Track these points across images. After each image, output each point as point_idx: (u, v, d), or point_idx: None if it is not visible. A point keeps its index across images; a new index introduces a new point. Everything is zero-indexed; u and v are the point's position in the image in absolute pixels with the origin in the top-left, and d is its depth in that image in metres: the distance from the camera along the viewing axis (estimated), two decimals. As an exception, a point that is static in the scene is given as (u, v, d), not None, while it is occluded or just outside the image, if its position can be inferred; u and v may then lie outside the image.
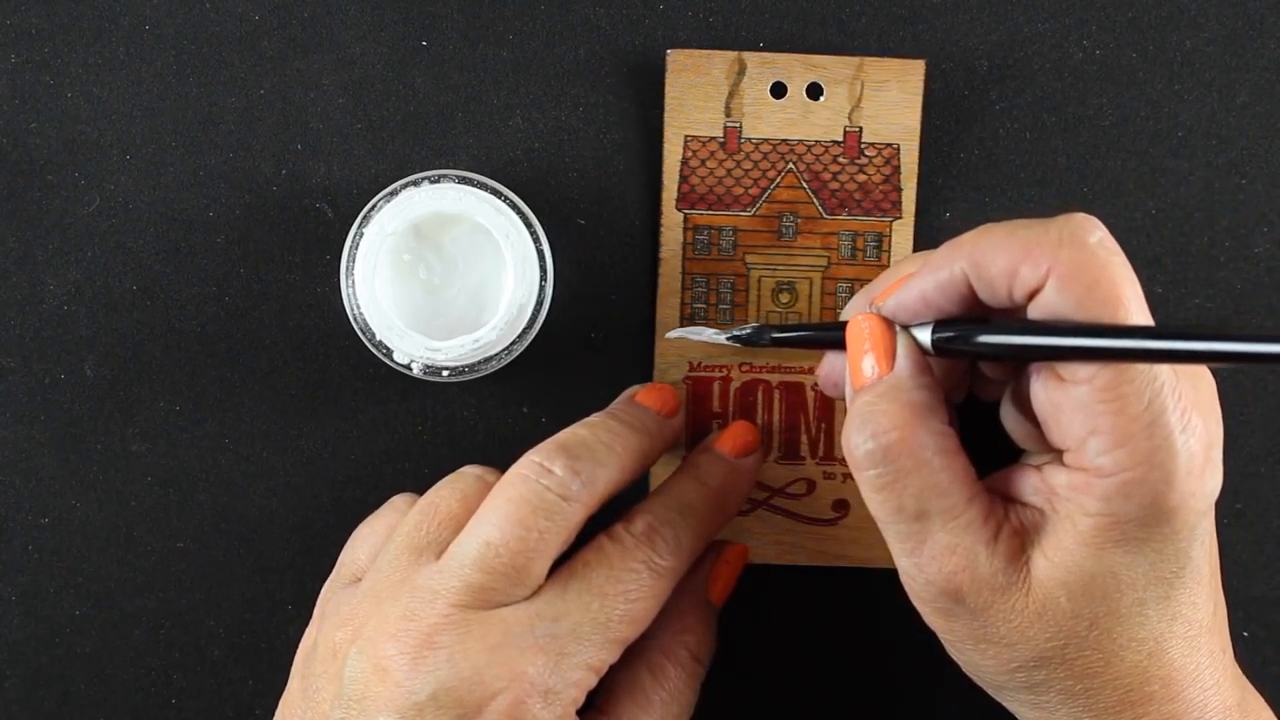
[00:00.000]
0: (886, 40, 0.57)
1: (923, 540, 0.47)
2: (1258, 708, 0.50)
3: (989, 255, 0.46)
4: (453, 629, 0.48)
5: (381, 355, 0.55)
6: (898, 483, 0.47)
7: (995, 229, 0.46)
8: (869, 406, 0.48)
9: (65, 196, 0.57)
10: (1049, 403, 0.46)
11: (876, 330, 0.49)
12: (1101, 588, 0.46)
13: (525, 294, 0.54)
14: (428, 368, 0.55)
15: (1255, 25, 0.58)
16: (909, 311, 0.48)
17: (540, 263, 0.55)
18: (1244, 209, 0.58)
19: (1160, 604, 0.46)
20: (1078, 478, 0.46)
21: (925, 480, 0.47)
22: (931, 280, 0.47)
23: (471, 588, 0.49)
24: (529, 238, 0.55)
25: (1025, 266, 0.45)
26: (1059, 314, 0.45)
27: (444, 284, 0.56)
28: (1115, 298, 0.44)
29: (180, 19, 0.57)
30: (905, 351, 0.48)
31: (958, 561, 0.47)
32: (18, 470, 0.58)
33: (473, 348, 0.54)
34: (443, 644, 0.48)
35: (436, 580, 0.49)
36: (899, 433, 0.47)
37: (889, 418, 0.47)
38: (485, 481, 0.52)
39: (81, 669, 0.58)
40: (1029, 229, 0.45)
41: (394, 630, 0.48)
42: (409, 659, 0.48)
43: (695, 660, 0.54)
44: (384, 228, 0.54)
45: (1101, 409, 0.44)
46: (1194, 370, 0.48)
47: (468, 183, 0.55)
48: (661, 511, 0.52)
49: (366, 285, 0.54)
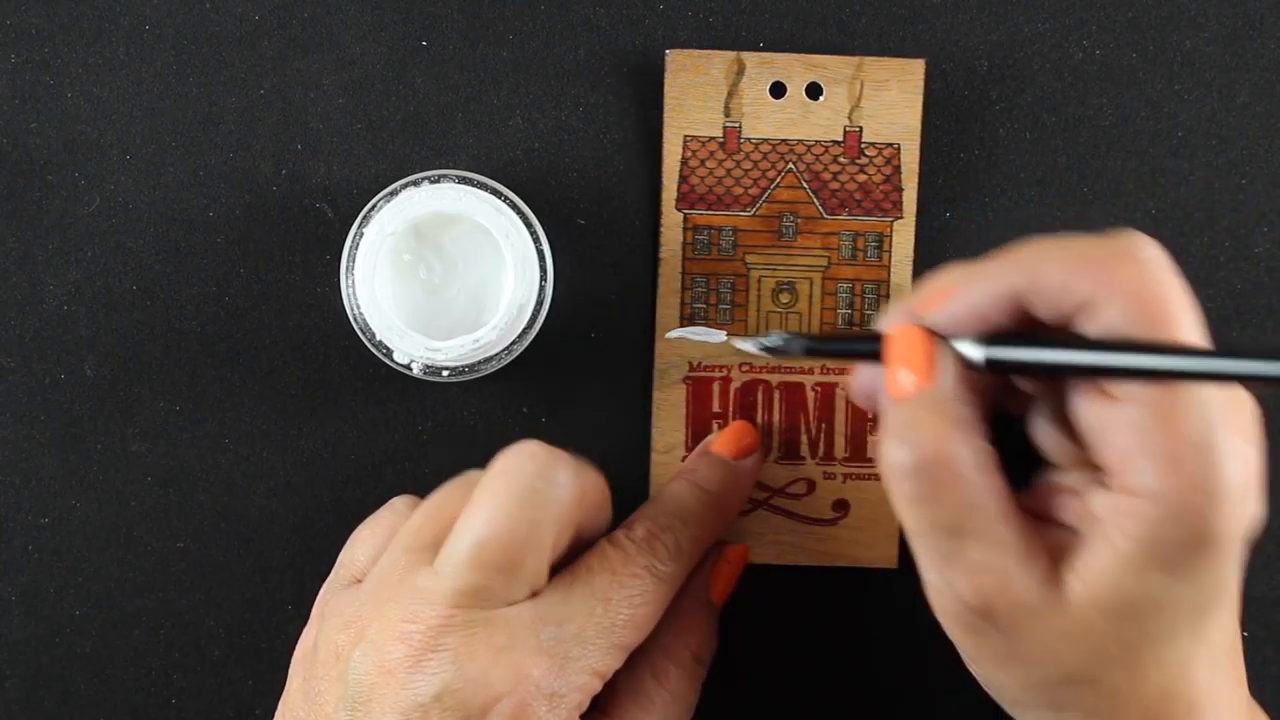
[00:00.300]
0: (886, 40, 0.57)
1: (956, 557, 0.46)
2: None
3: (1045, 268, 0.45)
4: (456, 630, 0.48)
5: (381, 355, 0.55)
6: (935, 498, 0.46)
7: (1050, 242, 0.46)
8: (909, 418, 0.47)
9: (65, 196, 0.57)
10: (1095, 420, 0.45)
11: (919, 341, 0.48)
12: (1138, 610, 0.45)
13: (525, 294, 0.54)
14: (428, 368, 0.55)
15: (1255, 25, 0.58)
16: (957, 323, 0.47)
17: (540, 263, 0.55)
18: (1244, 209, 0.58)
19: (1192, 627, 0.46)
20: (1121, 500, 0.45)
21: (963, 496, 0.46)
22: (983, 292, 0.47)
23: (468, 587, 0.48)
24: (529, 238, 0.55)
25: (1083, 280, 0.44)
26: (1115, 330, 0.44)
27: (444, 284, 0.56)
28: (1172, 316, 0.44)
29: (180, 19, 0.57)
30: (949, 365, 0.47)
31: (992, 580, 0.46)
32: (18, 470, 0.58)
33: (473, 348, 0.54)
34: (446, 645, 0.48)
35: (434, 581, 0.49)
36: (939, 447, 0.46)
37: (930, 431, 0.46)
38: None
39: (81, 669, 0.58)
40: (1086, 243, 0.45)
41: (397, 632, 0.48)
42: (413, 660, 0.48)
43: (697, 661, 0.54)
44: (384, 228, 0.54)
45: (1152, 430, 0.44)
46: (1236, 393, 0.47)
47: (468, 183, 0.55)
48: (661, 517, 0.52)
49: (366, 285, 0.54)
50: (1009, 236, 0.58)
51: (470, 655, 0.48)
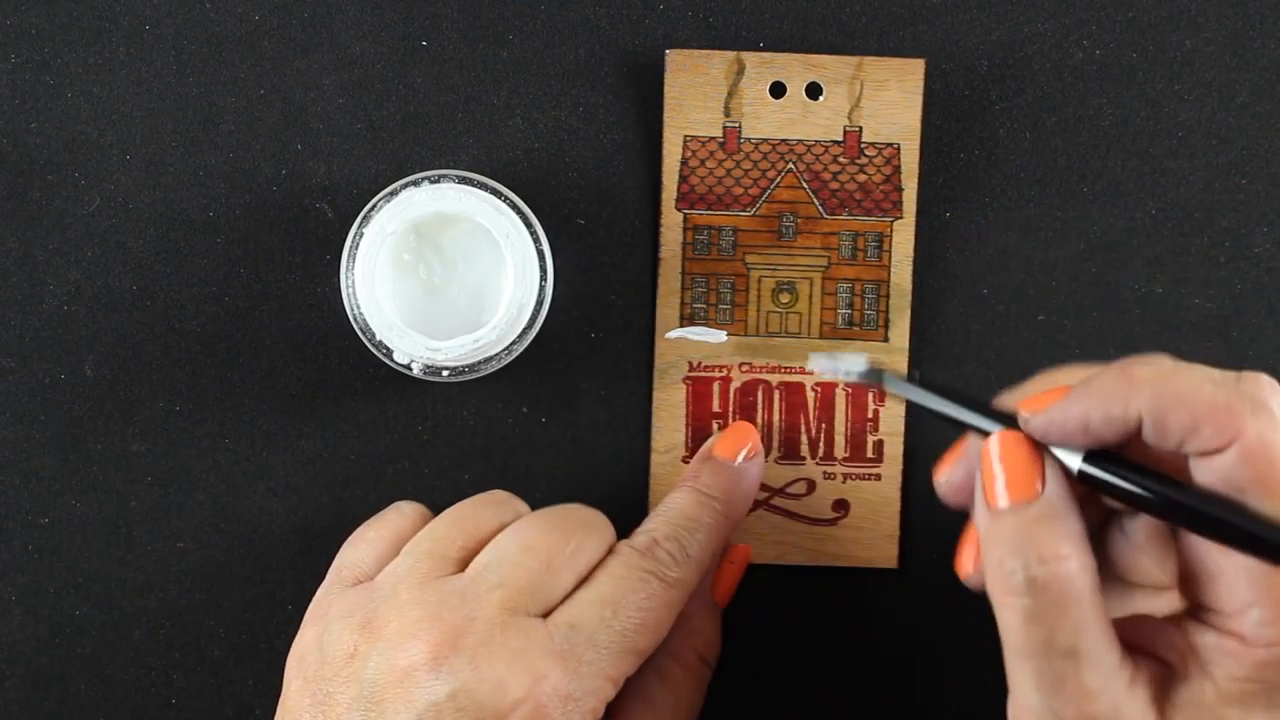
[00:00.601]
0: (886, 40, 0.57)
1: (1065, 679, 0.44)
2: None
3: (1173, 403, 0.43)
4: (476, 633, 0.49)
5: (381, 355, 0.55)
6: (1052, 617, 0.44)
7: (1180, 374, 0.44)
8: (1025, 529, 0.44)
9: (65, 196, 0.57)
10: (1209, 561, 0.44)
11: (1024, 451, 0.45)
12: None
13: (525, 294, 0.54)
14: (428, 368, 0.55)
15: (1255, 25, 0.58)
16: (1063, 434, 0.45)
17: (540, 263, 0.55)
18: (1244, 209, 0.58)
19: None
20: (1229, 642, 0.44)
21: (1080, 618, 0.44)
22: (1101, 411, 0.44)
23: (506, 597, 0.49)
24: (529, 238, 0.55)
25: (1210, 428, 0.43)
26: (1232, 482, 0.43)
27: (444, 284, 0.56)
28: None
29: (180, 19, 0.57)
30: (1056, 476, 0.45)
31: (1101, 708, 0.44)
32: (18, 470, 0.58)
33: (473, 348, 0.54)
34: (466, 646, 0.48)
35: (468, 586, 0.50)
36: (1060, 564, 0.44)
37: (1049, 547, 0.44)
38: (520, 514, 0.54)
39: (81, 669, 0.58)
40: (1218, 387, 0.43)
41: (416, 631, 0.49)
42: (431, 659, 0.48)
43: (702, 662, 0.54)
44: (384, 227, 0.54)
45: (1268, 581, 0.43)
46: None
47: (468, 183, 0.55)
48: (665, 526, 0.53)
49: (367, 285, 0.54)
50: (1009, 236, 0.58)
51: (489, 657, 0.48)
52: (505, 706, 0.48)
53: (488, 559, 0.51)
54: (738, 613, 0.57)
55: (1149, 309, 0.58)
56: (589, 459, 0.58)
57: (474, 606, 0.49)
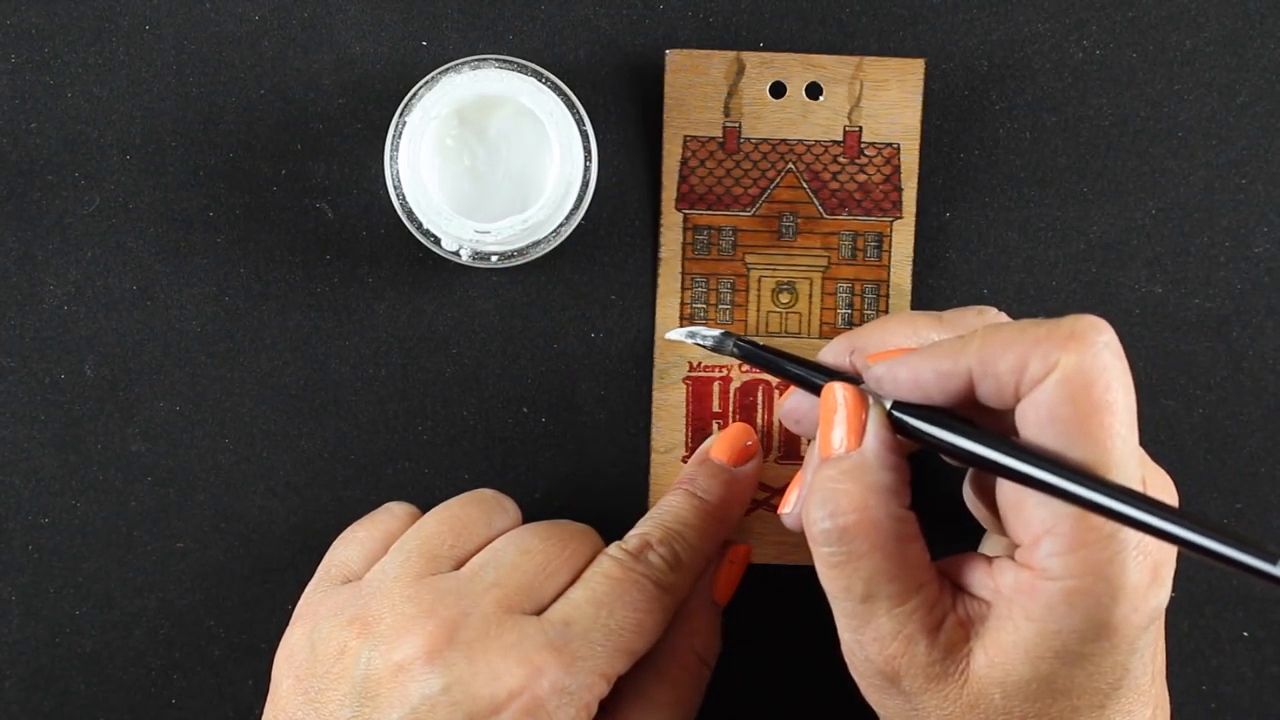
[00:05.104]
0: (886, 40, 0.57)
1: (866, 621, 0.47)
2: None
3: (998, 353, 0.45)
4: (471, 628, 0.49)
5: (429, 243, 0.55)
6: (849, 564, 0.46)
7: (1005, 327, 0.45)
8: (832, 483, 0.47)
9: (65, 196, 0.57)
10: (1013, 493, 0.45)
11: (851, 404, 0.48)
12: (1036, 692, 0.45)
13: (572, 172, 0.54)
14: (476, 253, 0.55)
15: (1255, 25, 0.58)
16: (896, 387, 0.48)
17: (584, 143, 0.55)
18: (1244, 209, 0.58)
19: (1094, 712, 0.46)
20: (1024, 578, 0.45)
21: (877, 565, 0.46)
22: (931, 368, 0.46)
23: (502, 595, 0.50)
24: (572, 118, 0.54)
25: (1034, 361, 0.44)
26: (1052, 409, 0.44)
27: (488, 169, 0.56)
28: (1108, 403, 0.44)
29: (180, 19, 0.57)
30: (875, 429, 0.48)
31: (898, 647, 0.46)
32: (18, 470, 0.58)
33: (521, 228, 0.53)
34: (461, 641, 0.49)
35: (464, 584, 0.50)
36: (858, 515, 0.46)
37: (850, 499, 0.46)
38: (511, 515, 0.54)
39: (81, 669, 0.58)
40: (1039, 326, 0.45)
41: (411, 627, 0.49)
42: (426, 654, 0.48)
43: (701, 662, 0.54)
44: (428, 111, 0.53)
45: (1063, 511, 0.44)
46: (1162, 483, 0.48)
47: (507, 66, 0.55)
48: (658, 530, 0.53)
49: (412, 171, 0.53)
50: (1009, 236, 0.58)
51: (484, 650, 0.48)
52: (501, 698, 0.48)
53: (484, 560, 0.51)
54: (738, 613, 0.57)
55: (1149, 309, 0.58)
56: (589, 459, 0.58)
57: (469, 603, 0.49)
